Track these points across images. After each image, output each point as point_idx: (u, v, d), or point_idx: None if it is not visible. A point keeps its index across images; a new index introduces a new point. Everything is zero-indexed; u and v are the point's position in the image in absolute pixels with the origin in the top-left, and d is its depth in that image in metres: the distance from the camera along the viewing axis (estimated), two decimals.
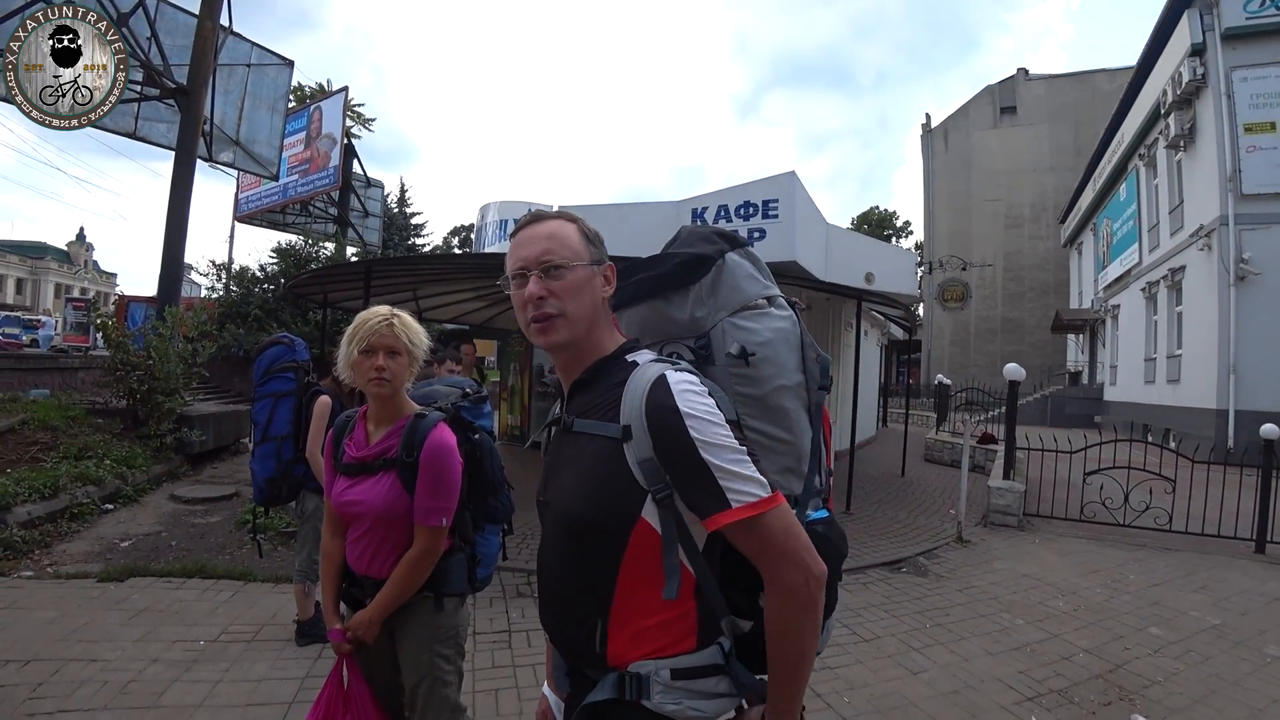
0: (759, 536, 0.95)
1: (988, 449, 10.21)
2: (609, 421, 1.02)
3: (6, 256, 46.20)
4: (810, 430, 1.15)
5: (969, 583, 4.92)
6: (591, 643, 1.04)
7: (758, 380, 1.08)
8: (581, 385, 1.12)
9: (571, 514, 1.07)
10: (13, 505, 5.16)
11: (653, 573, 0.99)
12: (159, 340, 7.92)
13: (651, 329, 1.20)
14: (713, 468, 0.94)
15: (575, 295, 1.08)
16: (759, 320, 1.12)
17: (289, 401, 3.39)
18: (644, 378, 1.01)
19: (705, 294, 1.14)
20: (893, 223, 48.47)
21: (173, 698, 2.91)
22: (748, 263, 1.17)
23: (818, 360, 1.18)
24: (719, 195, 8.10)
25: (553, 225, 1.13)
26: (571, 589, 1.08)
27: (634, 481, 0.98)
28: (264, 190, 20.61)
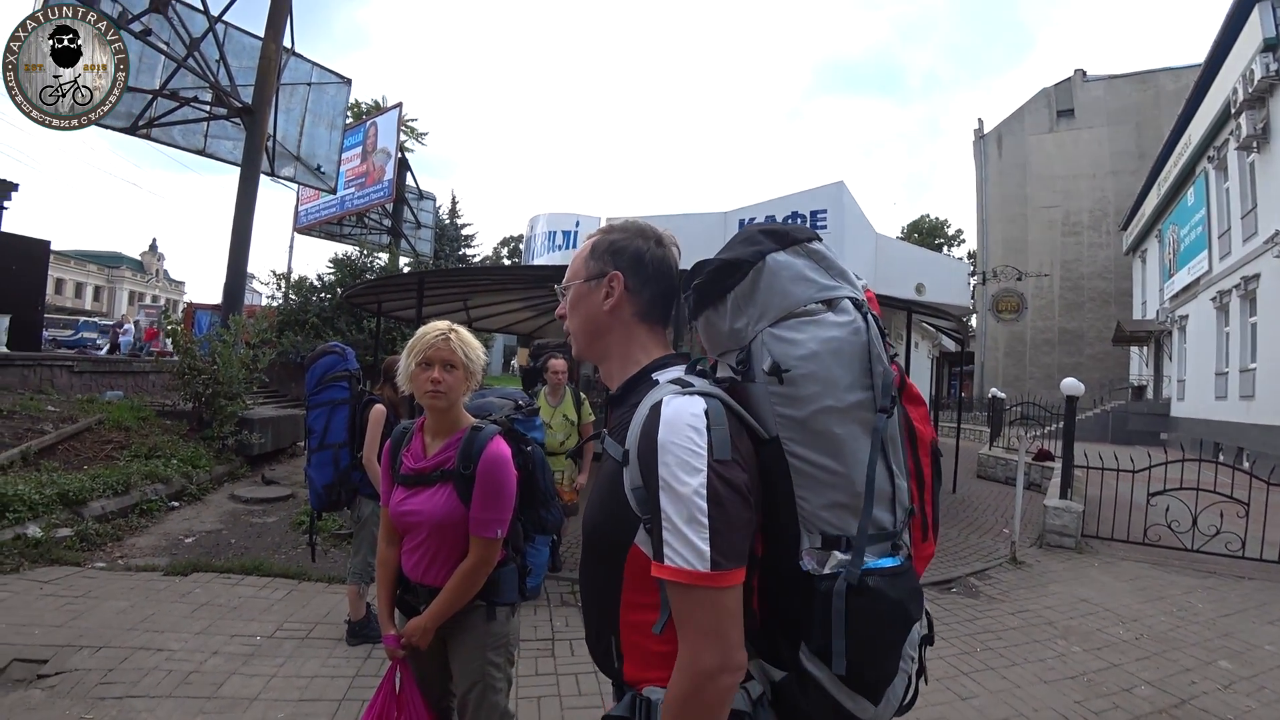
0: (678, 605, 0.87)
1: (1044, 466, 9.83)
2: (619, 443, 0.99)
3: (86, 266, 49.18)
4: (872, 459, 0.96)
5: (1023, 606, 4.74)
6: (610, 657, 1.02)
7: (798, 400, 0.95)
8: (615, 401, 1.11)
9: (585, 528, 1.07)
10: (89, 500, 5.49)
11: (652, 601, 0.93)
12: (223, 347, 8.33)
13: (711, 342, 1.12)
14: (664, 515, 0.87)
15: (572, 313, 1.15)
16: (804, 329, 0.98)
17: (344, 410, 3.52)
18: (649, 401, 0.96)
19: (743, 301, 1.03)
20: (944, 231, 47.30)
21: (231, 689, 3.04)
22: (802, 261, 1.03)
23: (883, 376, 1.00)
24: (766, 206, 8.09)
25: (580, 246, 1.19)
26: (591, 602, 1.08)
27: (629, 507, 0.94)
28: (322, 203, 21.43)
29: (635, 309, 1.11)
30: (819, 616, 0.91)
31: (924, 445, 1.09)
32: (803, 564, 0.94)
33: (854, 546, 0.94)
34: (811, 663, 0.93)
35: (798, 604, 0.94)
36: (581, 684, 3.30)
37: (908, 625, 0.97)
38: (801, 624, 0.94)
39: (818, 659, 0.92)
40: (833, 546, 0.94)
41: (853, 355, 0.98)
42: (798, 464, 0.95)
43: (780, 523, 0.96)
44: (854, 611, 0.90)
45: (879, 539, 0.96)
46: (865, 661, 0.91)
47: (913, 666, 1.00)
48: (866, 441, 0.96)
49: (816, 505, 0.95)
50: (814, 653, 0.93)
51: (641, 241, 1.13)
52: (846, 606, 0.90)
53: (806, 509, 0.95)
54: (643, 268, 1.11)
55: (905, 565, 0.99)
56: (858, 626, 0.90)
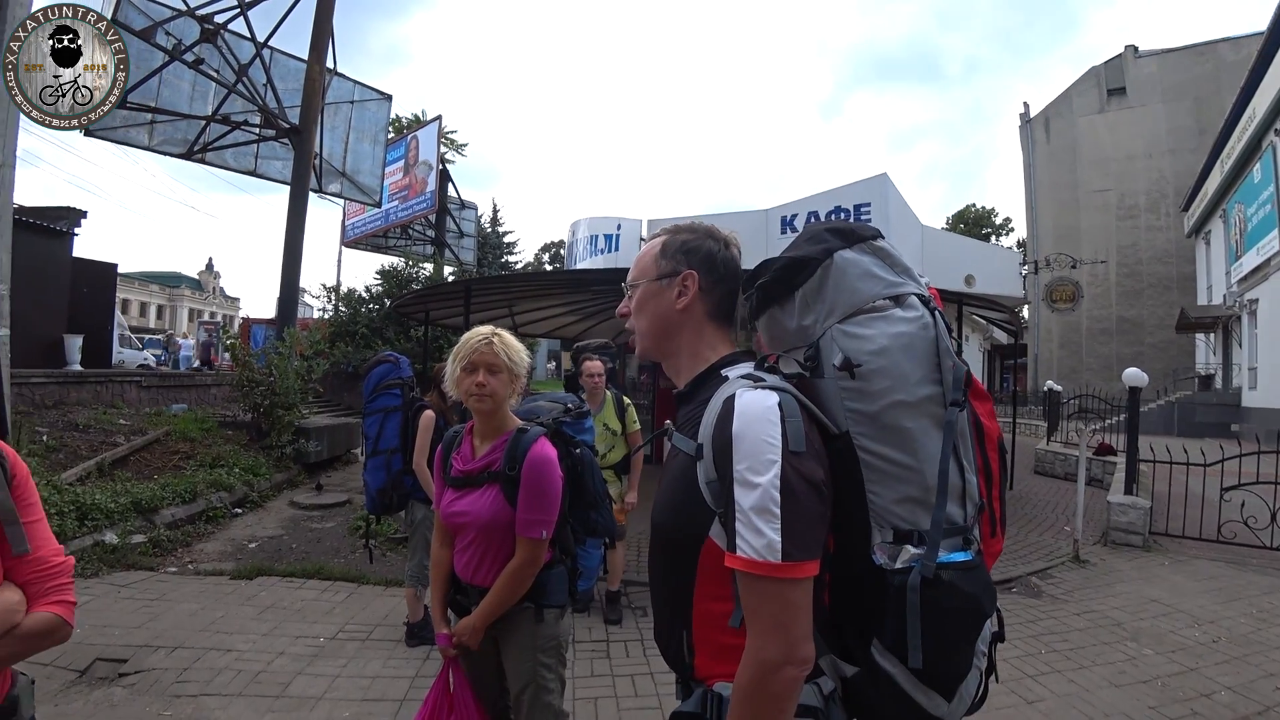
0: (747, 595, 0.88)
1: (1106, 461, 9.42)
2: (691, 438, 1.01)
3: (149, 286, 51.74)
4: (944, 453, 0.96)
5: (1088, 606, 4.55)
6: (681, 652, 1.03)
7: (869, 395, 0.96)
8: (683, 398, 1.13)
9: (657, 524, 1.08)
10: (160, 508, 5.77)
11: (726, 594, 0.94)
12: (279, 359, 8.65)
13: (775, 339, 1.14)
14: (737, 506, 0.88)
15: (639, 312, 1.16)
16: (874, 325, 0.99)
17: (396, 416, 3.61)
18: (721, 395, 0.98)
19: (811, 299, 1.04)
20: (991, 220, 45.89)
21: (297, 689, 3.15)
22: (869, 259, 1.04)
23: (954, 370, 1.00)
24: (809, 201, 7.99)
25: (645, 246, 1.21)
26: (662, 598, 1.09)
27: (703, 501, 0.95)
28: (368, 217, 22.09)
29: (706, 308, 1.12)
30: (892, 611, 0.91)
31: (991, 441, 1.09)
32: (875, 558, 0.94)
33: (927, 540, 0.93)
34: (885, 658, 0.93)
35: (869, 599, 0.95)
36: (638, 685, 3.31)
37: (981, 620, 0.97)
38: (873, 619, 0.94)
39: (891, 654, 0.92)
40: (905, 541, 0.94)
41: (922, 350, 0.98)
42: (868, 458, 0.96)
43: (851, 517, 0.96)
44: (928, 605, 0.90)
45: (951, 533, 0.96)
46: (939, 656, 0.91)
47: (984, 663, 1.00)
48: (937, 436, 0.97)
49: (888, 500, 0.95)
50: (887, 648, 0.93)
51: (712, 243, 1.14)
52: (921, 600, 0.89)
53: (878, 504, 0.95)
54: (715, 268, 1.13)
55: (977, 560, 0.98)
56: (932, 620, 0.90)
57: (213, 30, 10.63)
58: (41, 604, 1.10)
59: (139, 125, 11.12)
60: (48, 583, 1.12)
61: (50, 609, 1.10)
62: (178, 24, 10.55)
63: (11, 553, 1.09)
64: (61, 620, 1.12)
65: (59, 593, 1.13)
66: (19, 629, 1.05)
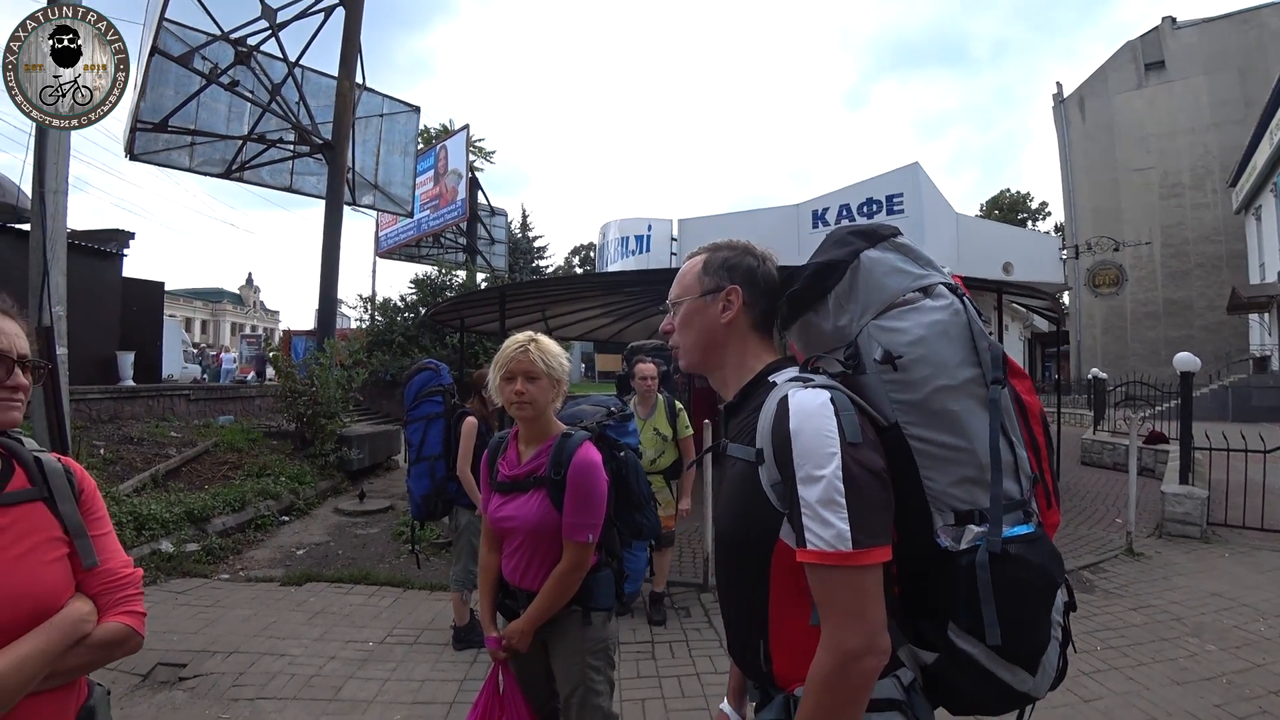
0: (819, 587, 0.90)
1: (1157, 450, 9.10)
2: (748, 445, 1.03)
3: (194, 302, 53.52)
4: (993, 430, 1.00)
5: (1145, 601, 4.40)
6: (758, 660, 1.03)
7: (913, 384, 0.99)
8: (732, 409, 1.15)
9: (723, 534, 1.10)
10: (211, 517, 5.97)
11: (802, 594, 0.95)
12: (320, 369, 8.87)
13: (811, 344, 1.18)
14: (802, 501, 0.91)
15: (685, 327, 1.20)
16: (908, 317, 1.03)
17: (439, 423, 3.68)
18: (773, 399, 1.01)
19: (844, 300, 1.09)
20: (1027, 205, 44.68)
21: (349, 692, 3.23)
22: (893, 255, 1.08)
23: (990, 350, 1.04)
24: (840, 194, 7.87)
25: (685, 265, 1.25)
26: (735, 606, 1.10)
27: (769, 504, 0.98)
28: (400, 227, 22.50)
29: (750, 320, 1.16)
30: (964, 591, 0.93)
31: (1034, 415, 1.10)
32: (940, 542, 0.96)
33: (989, 517, 0.96)
34: (963, 640, 0.95)
35: (939, 584, 0.97)
36: (685, 686, 3.31)
37: (1053, 589, 0.98)
38: (946, 603, 0.96)
39: (969, 635, 0.94)
40: (966, 521, 0.96)
41: (957, 334, 1.02)
42: (920, 445, 0.98)
43: (909, 506, 0.98)
44: (1000, 580, 0.92)
45: (1010, 508, 0.98)
46: (1018, 630, 0.93)
47: (1060, 634, 1.00)
48: (983, 415, 1.00)
49: (944, 483, 0.97)
50: (964, 630, 0.94)
51: (751, 259, 1.19)
52: (991, 576, 0.92)
53: (935, 488, 0.98)
54: (756, 282, 1.17)
55: (1039, 531, 1.01)
56: (1005, 595, 0.92)
57: (246, 53, 10.94)
58: (112, 614, 1.13)
59: (180, 148, 11.51)
60: (117, 594, 1.15)
61: (120, 619, 1.13)
62: (213, 49, 10.88)
63: (82, 566, 1.12)
64: (131, 630, 1.15)
65: (128, 603, 1.16)
66: (90, 639, 1.08)
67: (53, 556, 1.10)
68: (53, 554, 1.10)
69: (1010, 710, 1.02)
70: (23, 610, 1.02)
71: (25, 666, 0.98)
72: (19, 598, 1.02)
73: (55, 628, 1.04)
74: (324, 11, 11.27)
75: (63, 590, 1.09)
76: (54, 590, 1.07)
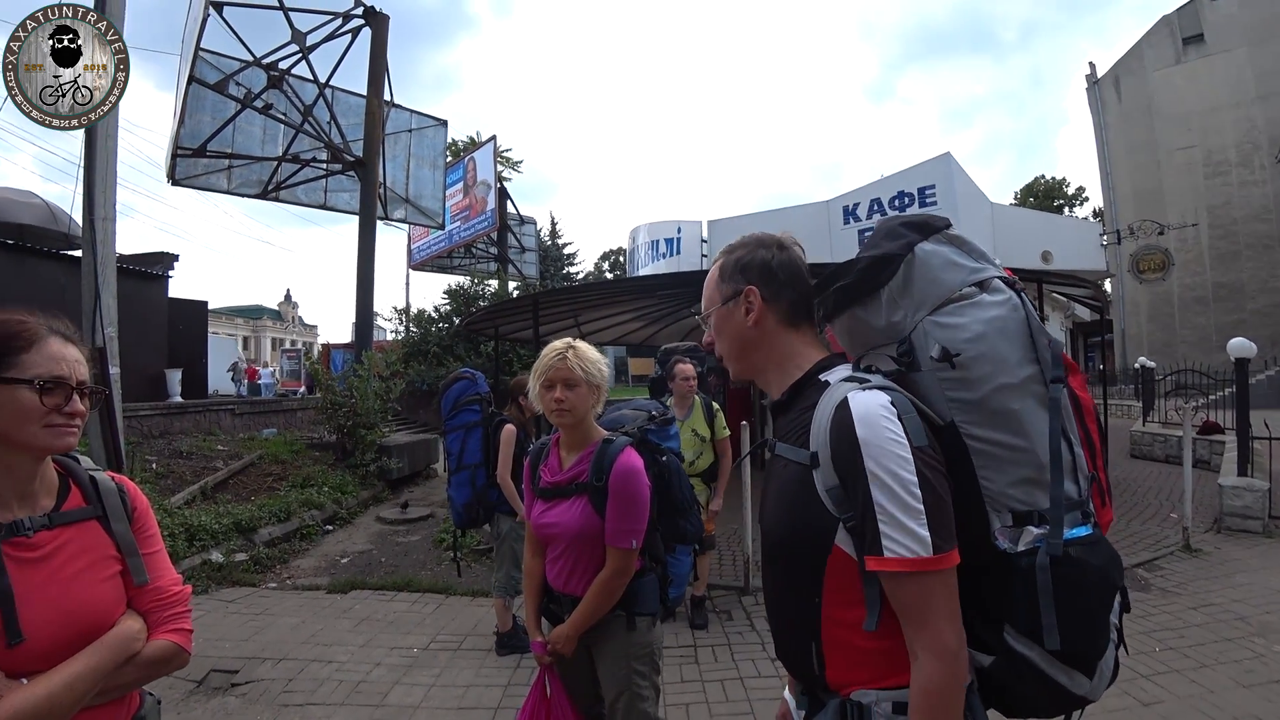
0: (907, 594, 0.89)
1: (1212, 440, 8.73)
2: (800, 447, 1.01)
3: (235, 320, 55.24)
4: (1051, 431, 0.97)
5: (1205, 600, 4.22)
6: (810, 664, 1.01)
7: (971, 382, 0.97)
8: (780, 408, 1.13)
9: (773, 538, 1.08)
10: (258, 527, 6.14)
11: (856, 597, 0.94)
12: (359, 381, 9.07)
13: (857, 340, 1.15)
14: (877, 508, 0.89)
15: (720, 338, 1.18)
16: (965, 313, 1.00)
17: (478, 432, 3.72)
18: (830, 401, 0.98)
19: (898, 295, 1.04)
20: (1063, 191, 43.39)
21: (395, 698, 3.28)
22: (947, 248, 1.05)
23: (1050, 346, 1.00)
24: (870, 189, 7.74)
25: (709, 274, 1.22)
26: (784, 610, 1.08)
27: (825, 509, 0.95)
28: (432, 239, 22.87)
29: (778, 316, 1.12)
30: (1023, 594, 0.91)
31: (1088, 412, 1.07)
32: (997, 544, 0.95)
33: (1051, 519, 0.94)
34: (1020, 643, 0.93)
35: (996, 586, 0.95)
36: (728, 690, 3.29)
37: (1113, 592, 0.96)
38: (1002, 605, 0.94)
39: (1027, 638, 0.92)
40: (1025, 522, 0.95)
41: (1016, 331, 0.99)
42: (977, 445, 0.96)
43: (965, 507, 0.95)
44: (1060, 583, 0.90)
45: (1069, 508, 0.96)
46: (1077, 634, 0.91)
47: (1115, 636, 0.98)
48: (1042, 414, 0.97)
49: (1002, 484, 0.96)
50: (1022, 632, 0.92)
51: (764, 251, 1.14)
52: (1052, 579, 0.90)
53: (992, 489, 0.96)
54: (773, 276, 1.12)
55: (1098, 533, 0.99)
56: (1066, 598, 0.90)
57: (278, 76, 11.28)
58: (160, 632, 1.16)
59: (218, 171, 11.92)
60: (166, 611, 1.18)
61: (168, 637, 1.16)
62: (247, 74, 11.25)
63: (133, 583, 1.16)
64: (179, 648, 1.17)
65: (176, 621, 1.19)
66: (139, 657, 1.11)
67: (106, 574, 1.13)
68: (106, 572, 1.13)
69: (1065, 713, 1.00)
70: (77, 627, 1.05)
71: (77, 685, 1.01)
72: (73, 615, 1.06)
73: (106, 646, 1.07)
74: (351, 33, 11.57)
75: (115, 607, 1.12)
76: (106, 608, 1.11)
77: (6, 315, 1.08)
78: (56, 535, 1.09)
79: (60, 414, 1.06)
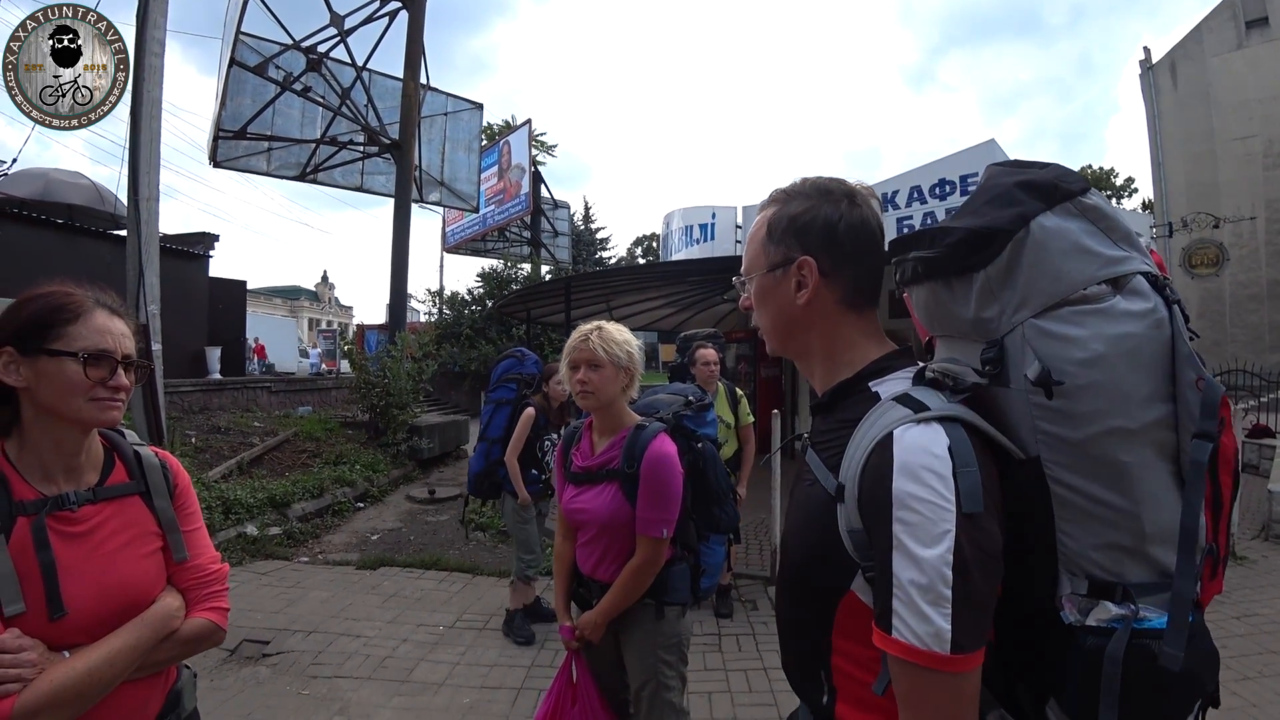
0: (908, 685, 0.71)
1: (1262, 444, 8.37)
2: (829, 469, 0.84)
3: (273, 300, 56.57)
4: (1172, 498, 0.75)
5: (1250, 609, 4.06)
6: (818, 693, 0.88)
7: (1074, 418, 0.75)
8: (821, 409, 0.94)
9: (790, 554, 0.94)
10: (292, 503, 6.29)
11: (871, 648, 0.77)
12: (392, 362, 9.22)
13: (935, 321, 0.92)
14: (895, 581, 0.71)
15: (760, 306, 0.97)
16: (1086, 323, 0.75)
17: (507, 409, 3.77)
18: (874, 429, 0.78)
19: (996, 285, 0.80)
20: (1111, 182, 41.84)
21: (420, 674, 3.33)
22: (1078, 225, 0.78)
23: (1200, 387, 0.74)
24: (910, 176, 7.47)
25: (754, 223, 0.99)
26: (791, 627, 0.96)
27: (843, 549, 0.80)
28: (466, 222, 23.07)
29: (838, 295, 0.90)
30: (1080, 676, 0.75)
31: (1226, 462, 0.79)
32: (1064, 615, 0.78)
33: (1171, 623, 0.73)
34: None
35: (1051, 655, 0.79)
36: (752, 680, 3.28)
37: (1196, 699, 0.78)
38: (1052, 678, 0.79)
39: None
40: (1103, 595, 0.76)
41: (1153, 358, 0.75)
42: (1064, 493, 0.76)
43: (1032, 558, 0.78)
44: (1131, 681, 0.72)
45: (1158, 589, 0.75)
46: None
47: None
48: (1162, 468, 0.76)
49: (1085, 544, 0.76)
50: (1069, 715, 0.78)
51: (830, 207, 0.89)
52: (1123, 675, 0.72)
53: (1070, 547, 0.77)
54: (838, 244, 0.88)
55: (1199, 622, 0.78)
56: (1133, 698, 0.73)
57: (317, 60, 11.42)
58: (198, 610, 1.17)
59: (258, 153, 12.16)
60: (204, 589, 1.19)
61: (206, 615, 1.17)
62: (286, 57, 11.42)
63: (173, 559, 1.17)
64: (215, 626, 1.18)
65: (214, 599, 1.20)
66: (177, 634, 1.13)
67: (147, 550, 1.14)
68: (147, 548, 1.14)
69: None
70: (118, 602, 1.07)
71: (116, 660, 1.03)
72: (115, 589, 1.07)
73: (146, 624, 1.08)
74: (388, 15, 11.64)
75: (155, 583, 1.14)
76: (147, 584, 1.12)
77: (54, 288, 1.08)
78: (100, 510, 1.10)
79: (105, 387, 1.06)
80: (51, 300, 1.06)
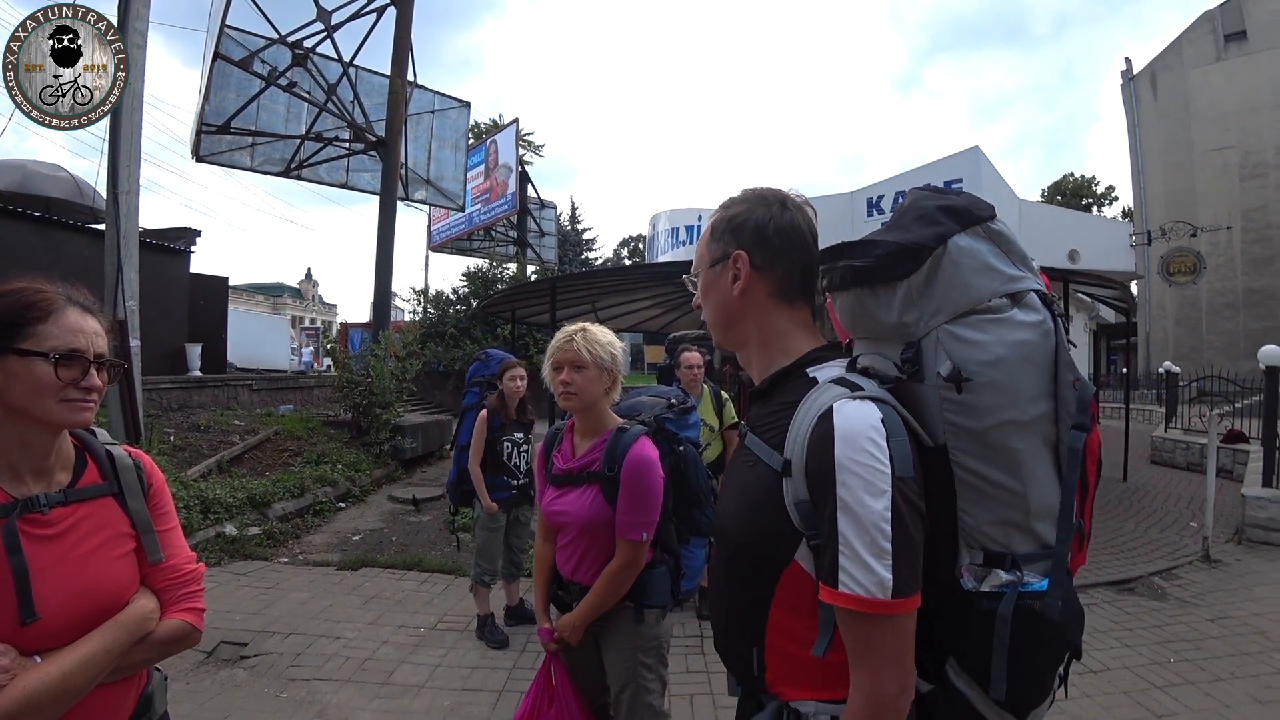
0: (855, 632, 0.82)
1: (1235, 449, 8.54)
2: (773, 448, 0.93)
3: (255, 296, 55.86)
4: (1052, 481, 0.88)
5: (1223, 612, 4.13)
6: (749, 667, 0.97)
7: (976, 411, 0.86)
8: (760, 395, 1.03)
9: (728, 536, 1.01)
10: (272, 502, 6.20)
11: (807, 614, 0.89)
12: (375, 360, 9.14)
13: (858, 325, 1.02)
14: (841, 539, 0.81)
15: (705, 300, 1.08)
16: (989, 329, 0.87)
17: (472, 414, 3.70)
18: (814, 406, 0.88)
19: (916, 293, 0.90)
20: (1092, 190, 42.55)
21: (401, 676, 3.30)
22: (986, 246, 0.91)
23: (1076, 387, 0.88)
24: (895, 181, 7.62)
25: (703, 229, 1.11)
26: (728, 608, 1.02)
27: (789, 521, 0.89)
28: (452, 221, 22.92)
29: (768, 288, 1.01)
30: (976, 637, 0.86)
31: (1092, 453, 0.94)
32: (963, 582, 0.88)
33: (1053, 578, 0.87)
34: (961, 680, 0.89)
35: (950, 619, 0.89)
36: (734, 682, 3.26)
37: (1067, 650, 0.91)
38: (952, 640, 0.89)
39: (968, 677, 0.89)
40: (996, 564, 0.88)
41: (1041, 362, 0.88)
42: (965, 476, 0.87)
43: (937, 534, 0.88)
44: (1019, 637, 0.84)
45: (1045, 557, 0.88)
46: (1022, 688, 0.87)
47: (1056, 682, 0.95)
48: (1045, 456, 0.89)
49: (981, 520, 0.88)
50: (965, 670, 0.89)
51: (763, 210, 1.01)
52: (1011, 631, 0.84)
53: (969, 523, 0.88)
54: (767, 240, 1.00)
55: (1070, 587, 0.90)
56: (1019, 651, 0.84)
57: (303, 55, 11.30)
58: (173, 611, 1.15)
59: (242, 149, 12.00)
60: (179, 590, 1.17)
61: (181, 616, 1.15)
62: (271, 52, 11.28)
63: (148, 561, 1.14)
64: (191, 627, 1.17)
65: (189, 600, 1.18)
66: (152, 636, 1.11)
67: (120, 552, 1.12)
68: (120, 549, 1.12)
69: None
70: (92, 605, 1.05)
71: (90, 664, 1.01)
72: (88, 593, 1.05)
73: (120, 626, 1.06)
74: (376, 12, 11.54)
75: (129, 585, 1.11)
76: (120, 586, 1.10)
77: (24, 284, 1.05)
78: (72, 512, 1.08)
79: (77, 388, 1.04)
80: (21, 298, 1.03)
